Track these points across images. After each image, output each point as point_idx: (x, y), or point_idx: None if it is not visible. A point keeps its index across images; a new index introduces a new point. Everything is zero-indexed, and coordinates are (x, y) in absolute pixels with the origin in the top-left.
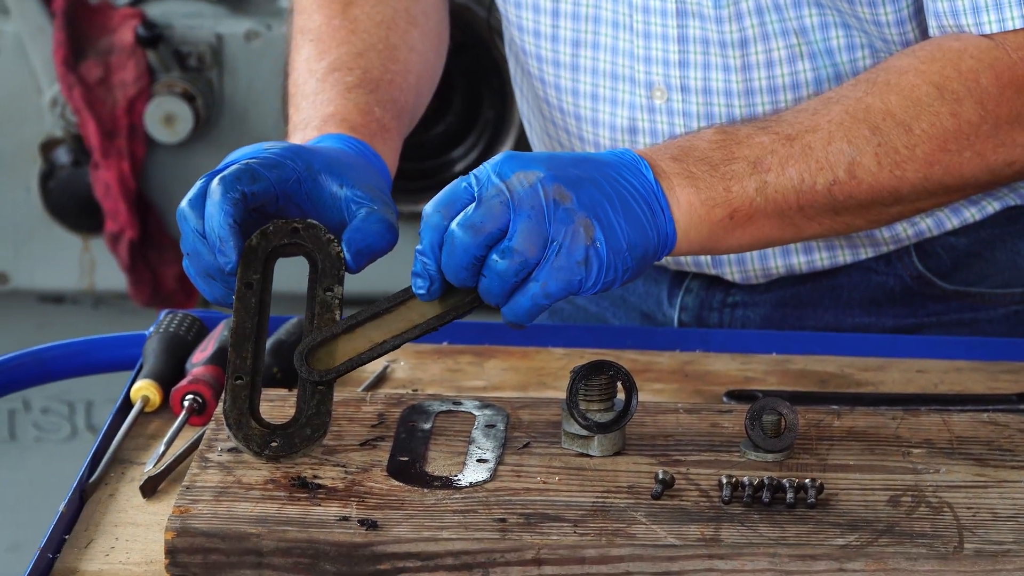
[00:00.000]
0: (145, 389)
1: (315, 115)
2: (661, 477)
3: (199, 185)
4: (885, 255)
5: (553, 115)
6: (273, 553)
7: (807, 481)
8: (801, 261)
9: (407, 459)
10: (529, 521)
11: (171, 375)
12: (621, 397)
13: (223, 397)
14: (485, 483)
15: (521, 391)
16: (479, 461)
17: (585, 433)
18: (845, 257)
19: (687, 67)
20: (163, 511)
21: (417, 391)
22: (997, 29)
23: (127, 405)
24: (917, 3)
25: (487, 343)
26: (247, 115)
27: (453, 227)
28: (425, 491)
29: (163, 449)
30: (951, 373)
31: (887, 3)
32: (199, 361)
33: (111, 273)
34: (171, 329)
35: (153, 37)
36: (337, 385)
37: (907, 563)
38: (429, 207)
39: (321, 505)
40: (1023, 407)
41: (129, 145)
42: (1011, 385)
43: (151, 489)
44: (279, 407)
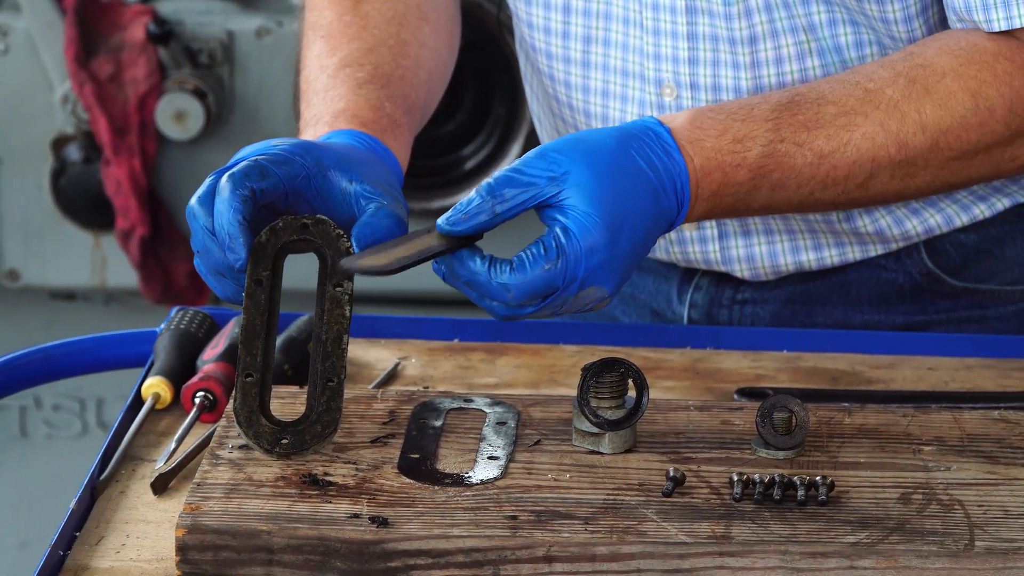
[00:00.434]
0: (156, 386)
1: (326, 111)
2: (672, 474)
3: (208, 182)
4: (894, 252)
5: (563, 112)
6: (284, 550)
7: (818, 478)
8: (811, 258)
9: (418, 456)
10: (540, 518)
11: (182, 372)
12: (632, 394)
13: (234, 394)
14: (496, 480)
15: (532, 388)
16: (490, 458)
17: (596, 430)
18: (855, 254)
19: (697, 64)
20: (174, 508)
21: (428, 388)
22: (1005, 27)
23: (138, 402)
24: (923, 0)
25: (498, 340)
26: (258, 112)
27: (503, 286)
28: (436, 488)
29: (174, 446)
30: (962, 370)
31: (894, 0)
32: (210, 358)
33: (122, 270)
34: (182, 326)
35: (164, 34)
36: (348, 383)
37: (918, 561)
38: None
39: (332, 502)
40: None
41: (140, 142)
42: (1022, 382)
43: (162, 486)
44: (290, 404)
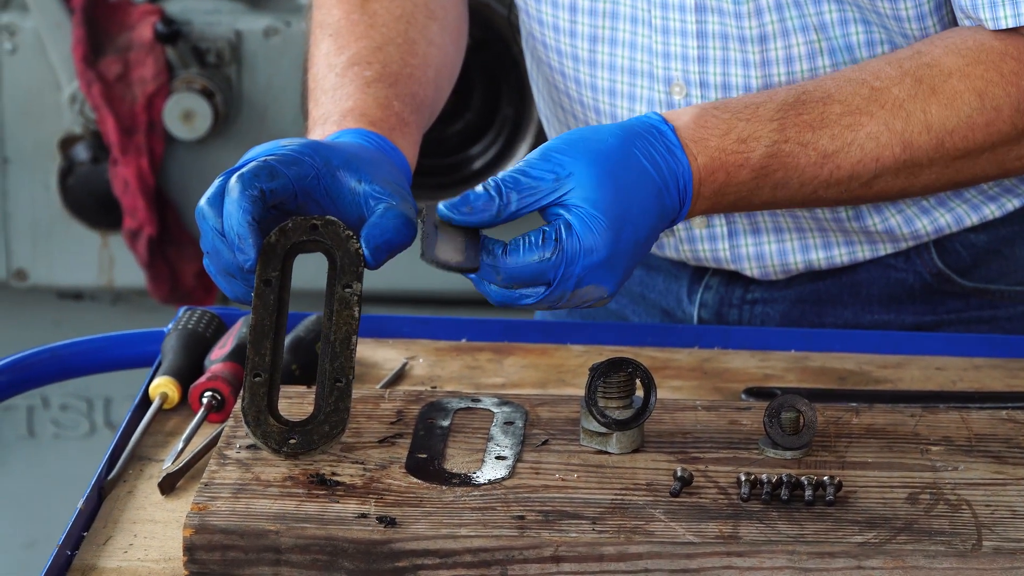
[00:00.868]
0: (164, 386)
1: (334, 110)
2: (680, 474)
3: (218, 183)
4: (904, 251)
5: (574, 109)
6: (291, 550)
7: (825, 478)
8: (820, 257)
9: (425, 456)
10: (547, 518)
11: (190, 372)
12: (640, 394)
13: (242, 394)
14: (503, 480)
15: (540, 388)
16: (498, 458)
17: (604, 430)
18: (864, 253)
19: (706, 63)
20: (181, 508)
21: (436, 388)
22: (1012, 24)
23: (145, 402)
24: None
25: (506, 340)
26: (266, 112)
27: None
28: (443, 488)
29: (181, 446)
30: (970, 370)
31: None
32: (218, 358)
33: (130, 270)
34: (190, 326)
35: (172, 33)
36: (355, 383)
37: (925, 560)
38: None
39: (339, 502)
40: None
41: (148, 142)
42: None
43: (169, 486)
44: (297, 404)
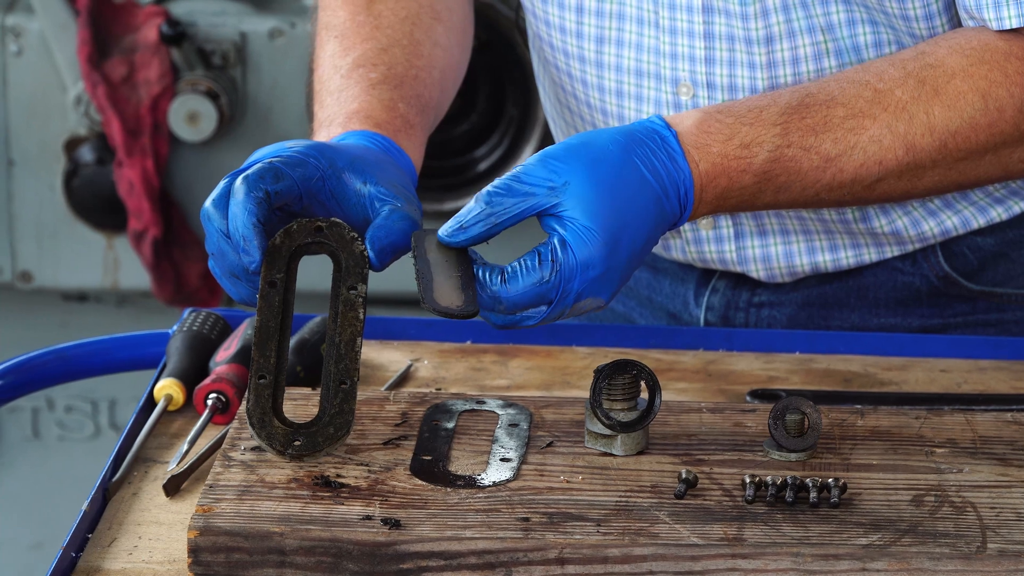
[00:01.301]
0: (168, 388)
1: (340, 112)
2: (684, 476)
3: (223, 185)
4: (911, 254)
5: (581, 110)
6: (296, 552)
7: (830, 481)
8: (827, 259)
9: (430, 458)
10: (552, 520)
11: (194, 374)
12: (645, 396)
13: (246, 396)
14: (508, 482)
15: (544, 390)
16: (502, 460)
17: (608, 432)
18: (871, 255)
19: (713, 64)
20: (186, 510)
21: (440, 390)
22: (1017, 24)
23: (150, 404)
24: None
25: (511, 342)
26: (271, 113)
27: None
28: (448, 490)
29: (186, 448)
30: (974, 373)
31: None
32: (222, 360)
33: (135, 271)
34: (194, 328)
35: (177, 35)
36: (360, 384)
37: (930, 563)
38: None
39: (344, 504)
40: None
41: (153, 143)
42: None
43: (174, 488)
44: (302, 406)
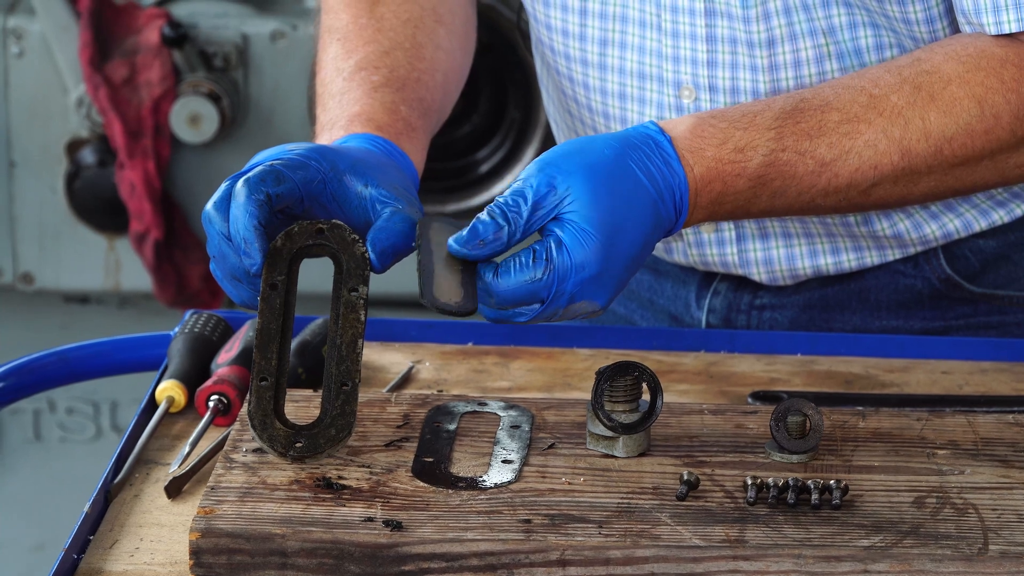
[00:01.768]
0: (170, 390)
1: (342, 114)
2: (686, 478)
3: (224, 188)
4: (912, 257)
5: (582, 113)
6: (297, 554)
7: (832, 482)
8: (828, 262)
9: (432, 460)
10: (554, 522)
11: (196, 375)
12: (646, 398)
13: (248, 398)
14: (510, 484)
15: (546, 392)
16: (504, 462)
17: (610, 434)
18: (872, 258)
19: (715, 66)
20: (188, 512)
21: (442, 392)
22: (1016, 28)
23: (152, 406)
24: (947, 1)
25: (512, 344)
26: (272, 115)
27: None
28: (450, 492)
29: (188, 450)
30: (976, 374)
31: (916, 0)
32: (224, 362)
33: (136, 273)
34: (196, 329)
35: (179, 37)
36: (362, 386)
37: (932, 564)
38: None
39: (346, 506)
40: None
41: (154, 145)
42: None
43: (176, 490)
44: (304, 408)
